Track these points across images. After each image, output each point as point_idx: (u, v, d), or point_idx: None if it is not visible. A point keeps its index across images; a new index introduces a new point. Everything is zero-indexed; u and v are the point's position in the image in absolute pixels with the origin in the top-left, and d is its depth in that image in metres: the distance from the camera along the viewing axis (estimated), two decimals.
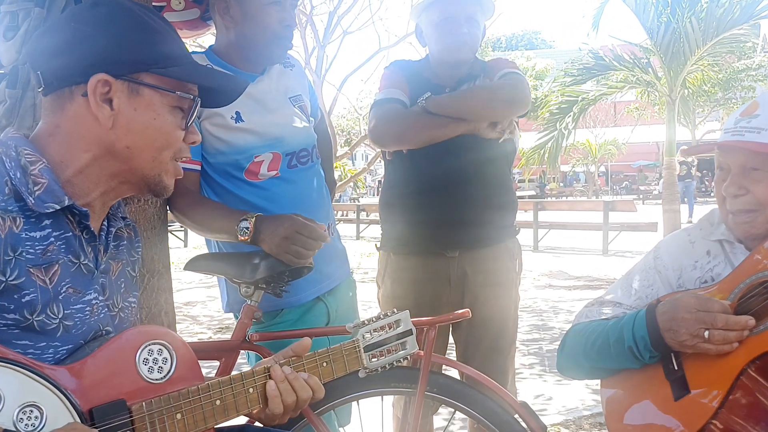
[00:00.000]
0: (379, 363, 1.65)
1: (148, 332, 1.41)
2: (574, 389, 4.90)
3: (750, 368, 1.52)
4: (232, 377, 1.44)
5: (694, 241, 1.88)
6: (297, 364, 1.51)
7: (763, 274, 1.62)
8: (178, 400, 1.36)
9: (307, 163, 2.39)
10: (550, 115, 13.21)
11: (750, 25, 11.72)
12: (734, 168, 1.72)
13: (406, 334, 1.71)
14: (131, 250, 1.61)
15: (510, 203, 2.75)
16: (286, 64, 2.46)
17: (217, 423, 1.41)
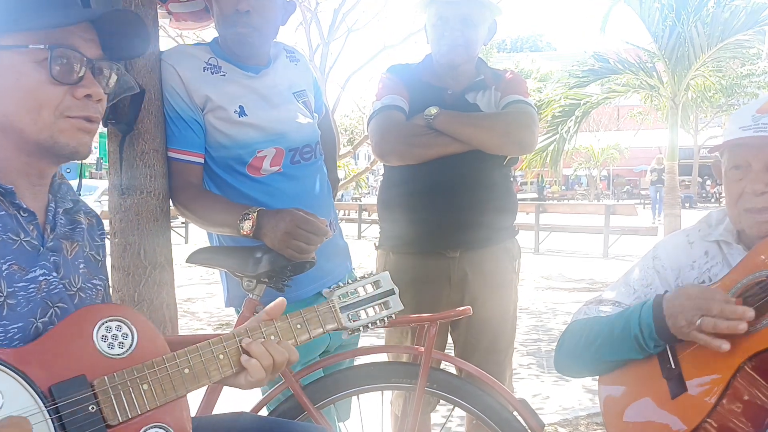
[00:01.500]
0: (361, 323, 1.65)
1: (103, 309, 1.40)
2: (572, 389, 4.91)
3: (746, 366, 1.52)
4: (199, 345, 1.43)
5: (692, 242, 1.89)
6: (269, 329, 1.51)
7: (759, 274, 1.63)
8: (143, 371, 1.35)
9: (310, 159, 2.40)
10: (552, 118, 13.16)
11: (755, 31, 11.68)
12: (757, 165, 1.71)
13: (387, 294, 1.70)
14: (94, 235, 1.60)
15: (510, 205, 2.75)
16: (292, 59, 2.47)
17: (189, 390, 1.41)
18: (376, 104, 2.67)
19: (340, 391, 2.17)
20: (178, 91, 2.22)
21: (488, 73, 2.72)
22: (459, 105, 2.63)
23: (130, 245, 2.19)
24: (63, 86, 1.38)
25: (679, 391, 1.64)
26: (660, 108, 18.16)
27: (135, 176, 2.18)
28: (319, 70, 7.23)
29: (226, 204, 2.20)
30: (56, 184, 1.52)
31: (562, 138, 13.00)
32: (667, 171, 13.15)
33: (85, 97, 1.41)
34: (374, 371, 2.20)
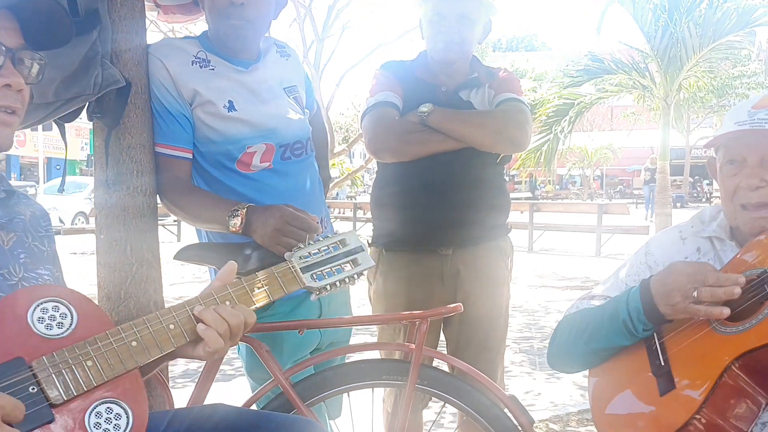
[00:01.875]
0: (328, 281, 1.60)
1: (37, 291, 1.37)
2: (563, 386, 4.92)
3: (734, 365, 1.53)
4: (147, 317, 1.39)
5: (685, 238, 1.89)
6: (222, 294, 1.46)
7: (749, 273, 1.62)
8: (85, 348, 1.31)
9: (301, 155, 2.35)
10: (547, 118, 13.19)
11: (746, 32, 11.72)
12: (752, 160, 1.70)
13: (355, 251, 1.65)
14: (37, 226, 1.57)
15: (503, 203, 2.73)
16: (283, 54, 2.42)
17: (139, 363, 1.36)
18: (370, 100, 2.65)
19: (330, 388, 2.14)
20: (166, 85, 2.17)
21: (482, 71, 2.70)
22: (452, 102, 2.61)
23: (116, 242, 2.14)
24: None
25: (668, 388, 1.64)
26: (653, 108, 18.23)
27: (121, 171, 2.13)
28: (313, 67, 7.18)
29: (214, 200, 2.16)
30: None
31: (556, 138, 13.03)
32: (659, 170, 13.22)
33: (4, 86, 1.39)
34: (365, 368, 2.17)
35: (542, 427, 4.13)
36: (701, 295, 1.57)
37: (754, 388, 1.54)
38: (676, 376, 1.64)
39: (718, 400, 1.53)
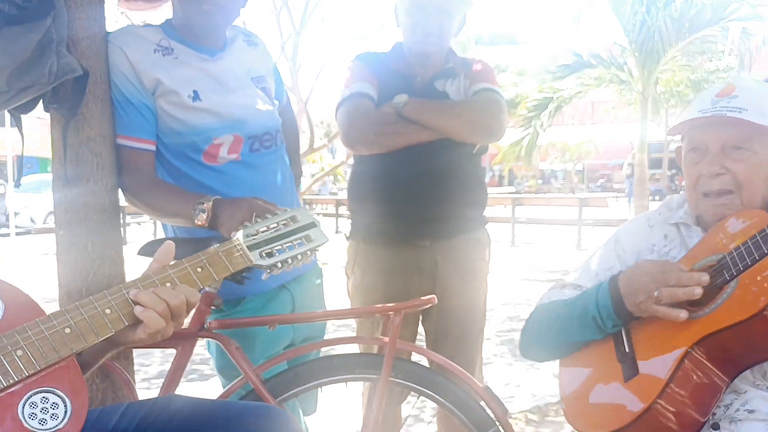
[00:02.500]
0: (278, 258, 1.53)
1: None
2: (542, 377, 4.93)
3: (694, 350, 1.56)
4: (79, 303, 1.31)
5: (652, 225, 1.89)
6: (162, 276, 1.38)
7: (712, 258, 1.64)
8: (13, 337, 1.23)
9: (271, 147, 2.28)
10: (527, 112, 13.25)
11: (720, 27, 11.81)
12: (713, 147, 1.70)
13: (307, 227, 1.59)
14: None
15: (481, 195, 2.71)
16: (249, 42, 2.34)
17: (74, 351, 1.28)
18: (344, 92, 2.60)
19: (302, 383, 2.07)
20: (127, 74, 2.08)
21: (457, 61, 2.66)
22: (428, 93, 2.58)
23: (77, 238, 2.05)
24: None
25: (632, 374, 1.66)
26: (631, 102, 18.35)
27: (80, 165, 2.03)
28: (291, 61, 7.06)
29: (179, 193, 2.08)
30: None
31: (535, 132, 13.11)
32: (637, 163, 13.35)
33: None
34: (338, 362, 2.12)
35: (521, 417, 4.14)
36: (662, 296, 1.58)
37: (715, 372, 1.56)
38: (639, 362, 1.66)
39: (679, 384, 1.55)
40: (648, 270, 1.64)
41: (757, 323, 1.48)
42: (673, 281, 1.57)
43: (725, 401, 1.58)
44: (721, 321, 1.53)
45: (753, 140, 1.66)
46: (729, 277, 1.57)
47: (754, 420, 1.57)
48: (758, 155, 1.66)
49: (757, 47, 12.22)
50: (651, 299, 1.60)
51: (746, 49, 12.15)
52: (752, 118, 1.63)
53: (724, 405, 1.59)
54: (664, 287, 1.58)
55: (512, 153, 13.69)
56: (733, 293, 1.55)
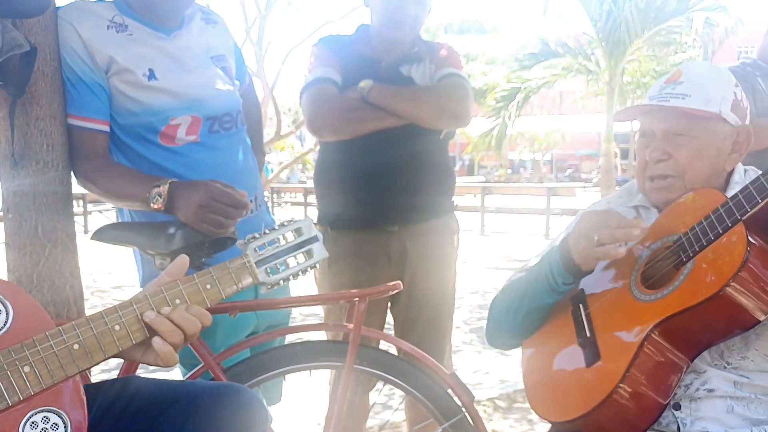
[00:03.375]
0: (281, 276, 1.47)
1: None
2: (510, 364, 4.97)
3: (654, 333, 1.56)
4: (90, 317, 1.24)
5: (612, 208, 1.89)
6: (173, 291, 1.32)
7: (668, 239, 1.66)
8: (22, 352, 1.17)
9: (231, 129, 2.20)
10: (496, 103, 13.33)
11: (685, 18, 11.95)
12: (658, 133, 1.74)
13: (310, 241, 1.53)
14: None
15: (448, 180, 2.69)
16: (208, 21, 2.25)
17: (81, 369, 1.22)
18: (308, 77, 2.54)
19: (265, 371, 2.02)
20: (78, 52, 1.98)
21: (422, 46, 2.63)
22: (393, 78, 2.54)
23: (26, 221, 1.96)
24: None
25: (594, 358, 1.66)
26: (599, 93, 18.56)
27: (29, 145, 1.94)
28: (256, 45, 6.91)
29: (134, 175, 2.00)
30: None
31: (504, 122, 13.18)
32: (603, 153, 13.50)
33: None
34: (301, 350, 2.07)
35: (489, 404, 4.16)
36: (602, 237, 1.60)
37: (675, 353, 1.57)
38: (601, 347, 1.66)
39: (640, 367, 1.56)
40: (590, 217, 1.67)
41: (714, 304, 1.49)
42: (613, 224, 1.60)
43: (685, 381, 1.60)
44: (680, 303, 1.54)
45: (694, 126, 1.69)
46: (685, 258, 1.59)
47: (714, 398, 1.60)
48: (699, 140, 1.69)
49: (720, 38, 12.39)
50: (592, 242, 1.62)
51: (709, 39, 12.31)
52: (694, 105, 1.67)
53: (684, 385, 1.61)
54: (604, 229, 1.60)
55: (482, 143, 13.75)
56: (690, 274, 1.57)
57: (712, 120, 1.69)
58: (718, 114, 1.68)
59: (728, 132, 1.71)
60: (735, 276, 1.46)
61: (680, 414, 1.62)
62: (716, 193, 1.64)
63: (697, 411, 1.61)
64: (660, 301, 1.58)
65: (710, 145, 1.70)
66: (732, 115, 1.70)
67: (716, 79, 1.72)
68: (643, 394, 1.56)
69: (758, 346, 1.59)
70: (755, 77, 3.53)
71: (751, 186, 1.50)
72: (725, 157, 1.72)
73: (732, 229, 1.52)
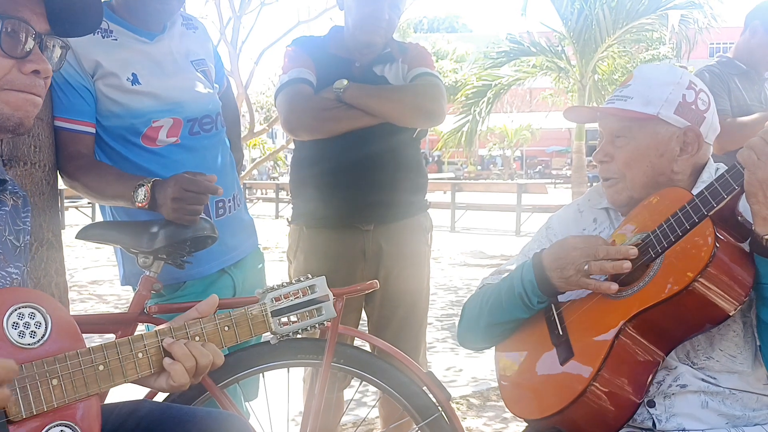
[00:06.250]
0: (291, 328, 1.53)
1: (17, 294, 1.28)
2: (484, 362, 4.99)
3: (626, 329, 1.57)
4: (118, 341, 1.32)
5: (582, 211, 1.95)
6: (194, 328, 1.40)
7: (635, 238, 1.68)
8: (54, 365, 1.24)
9: (211, 131, 2.28)
10: (466, 99, 13.31)
11: (657, 16, 12.02)
12: (605, 136, 1.79)
13: (321, 299, 1.59)
14: (16, 218, 1.48)
15: (421, 179, 2.74)
16: (189, 26, 2.33)
17: (102, 389, 1.29)
18: (283, 78, 2.59)
19: (243, 369, 2.09)
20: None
21: (395, 46, 2.68)
22: (367, 78, 2.59)
23: None
24: (10, 59, 1.30)
25: (567, 357, 1.67)
26: (570, 90, 18.64)
27: (17, 146, 1.99)
28: (230, 45, 6.96)
29: (119, 175, 2.06)
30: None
31: (475, 119, 13.17)
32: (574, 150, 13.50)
33: (32, 72, 1.33)
34: (279, 348, 2.12)
35: (463, 402, 4.17)
36: (591, 269, 1.61)
37: (649, 348, 1.58)
38: (574, 345, 1.67)
39: (614, 364, 1.56)
40: (575, 245, 1.67)
41: (684, 298, 1.50)
42: (602, 254, 1.61)
43: (657, 378, 1.61)
44: (650, 298, 1.55)
45: (632, 127, 1.73)
46: (654, 254, 1.61)
47: (687, 393, 1.61)
48: (637, 140, 1.73)
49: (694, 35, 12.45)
50: (580, 272, 1.63)
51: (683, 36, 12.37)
52: (631, 107, 1.71)
53: (657, 381, 1.62)
54: (593, 261, 1.61)
55: (453, 140, 13.75)
56: (660, 270, 1.59)
57: (650, 121, 1.71)
58: (655, 116, 1.70)
59: (672, 133, 1.71)
60: (704, 271, 1.47)
61: (655, 411, 1.63)
62: (682, 192, 1.65)
63: (671, 407, 1.62)
64: (631, 298, 1.59)
65: (649, 146, 1.72)
66: (675, 117, 1.70)
67: (662, 82, 1.73)
68: (617, 391, 1.57)
69: (722, 346, 1.61)
70: (731, 77, 3.60)
71: (716, 182, 1.52)
72: (672, 158, 1.72)
73: (699, 225, 1.54)
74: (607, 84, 18.81)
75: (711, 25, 12.24)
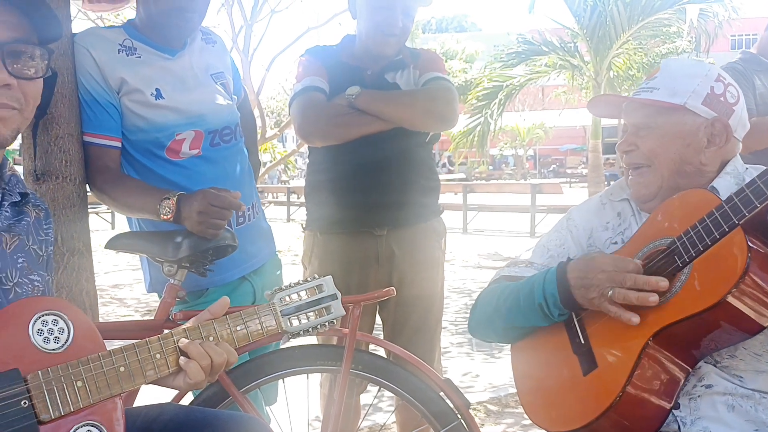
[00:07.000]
0: (302, 327, 1.62)
1: (41, 303, 1.39)
2: (501, 367, 4.97)
3: (654, 341, 1.55)
4: (136, 343, 1.42)
5: (605, 203, 1.95)
6: (208, 329, 1.50)
7: (661, 242, 1.65)
8: (77, 367, 1.34)
9: (230, 141, 2.40)
10: (477, 101, 13.26)
11: (675, 10, 11.97)
12: (630, 127, 1.81)
13: (330, 298, 1.67)
14: (39, 229, 1.59)
15: (434, 183, 2.80)
16: (208, 41, 2.46)
17: (124, 390, 1.40)
18: (297, 86, 2.67)
19: (264, 375, 2.18)
20: (93, 74, 2.20)
21: (406, 52, 2.74)
22: (379, 85, 2.66)
23: None
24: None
25: (591, 367, 1.65)
26: (584, 87, 18.57)
27: (50, 161, 2.14)
28: (242, 53, 7.13)
29: (145, 188, 2.19)
30: (6, 176, 1.51)
31: (486, 121, 13.12)
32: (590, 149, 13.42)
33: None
34: (299, 354, 2.21)
35: (481, 408, 4.16)
36: (615, 296, 1.57)
37: (675, 361, 1.56)
38: (597, 355, 1.65)
39: (642, 377, 1.54)
40: (603, 266, 1.62)
41: (715, 312, 1.46)
42: (629, 283, 1.56)
43: (686, 388, 1.60)
44: (679, 311, 1.51)
45: (658, 117, 1.74)
46: (681, 263, 1.56)
47: (713, 394, 1.60)
48: (663, 129, 1.73)
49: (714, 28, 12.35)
50: (604, 297, 1.59)
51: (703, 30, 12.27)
52: (659, 97, 1.72)
53: (686, 392, 1.60)
54: (618, 288, 1.56)
55: (464, 141, 13.74)
56: (688, 281, 1.54)
57: (677, 111, 1.71)
58: (682, 105, 1.70)
59: (699, 124, 1.71)
60: (737, 284, 1.42)
61: (680, 413, 1.60)
62: (707, 195, 1.62)
63: (696, 410, 1.60)
64: (658, 308, 1.54)
65: (675, 135, 1.72)
66: (703, 108, 1.70)
67: (690, 74, 1.74)
68: (647, 401, 1.54)
69: (746, 344, 1.57)
70: (755, 74, 3.51)
71: (748, 189, 1.48)
72: (699, 149, 1.71)
73: (729, 233, 1.49)
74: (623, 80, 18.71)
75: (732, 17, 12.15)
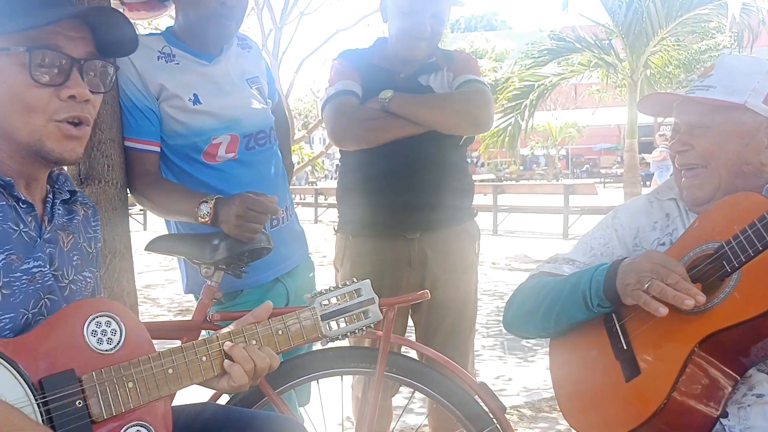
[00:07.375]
0: (340, 331, 1.66)
1: (95, 304, 1.44)
2: (535, 371, 4.96)
3: (700, 348, 1.53)
4: (183, 346, 1.48)
5: (652, 202, 1.93)
6: (251, 332, 1.54)
7: (708, 246, 1.63)
8: (129, 369, 1.40)
9: (265, 145, 2.46)
10: (507, 102, 13.17)
11: (715, 5, 11.80)
12: (683, 126, 1.78)
13: (367, 303, 1.71)
14: (87, 227, 1.65)
15: (468, 186, 2.81)
16: (244, 46, 2.52)
17: (171, 391, 1.45)
18: (329, 90, 2.71)
19: (299, 376, 2.23)
20: (134, 81, 2.27)
21: (440, 55, 2.76)
22: (412, 88, 2.67)
23: None
24: (48, 88, 1.41)
25: (633, 373, 1.64)
26: (619, 85, 18.35)
27: (93, 166, 2.22)
28: (272, 55, 7.24)
29: (184, 192, 2.26)
30: (54, 175, 1.57)
31: (517, 122, 13.02)
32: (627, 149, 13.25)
33: (69, 98, 1.43)
34: (333, 356, 2.25)
35: (514, 413, 4.16)
36: (652, 287, 1.55)
37: (722, 369, 1.54)
38: (640, 361, 1.64)
39: (687, 384, 1.53)
40: (653, 258, 1.61)
41: None
42: (671, 281, 1.54)
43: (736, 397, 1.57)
44: (728, 318, 1.49)
45: (714, 115, 1.70)
46: (731, 269, 1.54)
47: (765, 404, 1.57)
48: (720, 128, 1.70)
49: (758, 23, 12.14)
50: (640, 285, 1.57)
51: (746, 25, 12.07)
52: (716, 96, 1.69)
53: (735, 401, 1.58)
54: (658, 282, 1.55)
55: (494, 142, 13.65)
56: (737, 286, 1.52)
57: (736, 110, 1.67)
58: (743, 104, 1.66)
59: (760, 123, 1.67)
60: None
61: (728, 422, 1.57)
62: (758, 198, 1.59)
63: (746, 419, 1.57)
64: (704, 315, 1.52)
65: (734, 134, 1.68)
66: (764, 107, 1.66)
67: (749, 71, 1.70)
68: (692, 409, 1.52)
69: None
70: None
71: None
72: (759, 149, 1.68)
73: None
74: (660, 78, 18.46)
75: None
